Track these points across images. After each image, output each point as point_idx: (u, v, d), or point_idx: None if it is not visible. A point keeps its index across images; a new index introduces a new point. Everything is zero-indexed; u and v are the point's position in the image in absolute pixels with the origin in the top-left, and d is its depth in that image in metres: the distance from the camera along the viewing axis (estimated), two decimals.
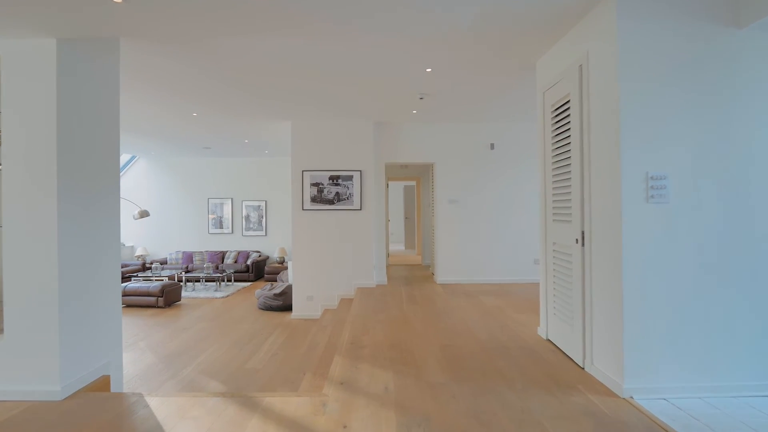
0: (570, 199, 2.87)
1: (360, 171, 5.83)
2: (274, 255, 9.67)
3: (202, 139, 7.23)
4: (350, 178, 5.84)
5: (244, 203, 9.80)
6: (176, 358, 4.35)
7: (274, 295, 6.30)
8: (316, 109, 5.22)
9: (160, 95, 4.47)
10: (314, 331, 4.88)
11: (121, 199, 9.96)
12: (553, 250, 3.18)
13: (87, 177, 2.62)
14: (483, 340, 3.31)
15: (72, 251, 2.50)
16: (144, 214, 8.02)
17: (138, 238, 9.80)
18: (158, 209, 9.77)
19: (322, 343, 4.26)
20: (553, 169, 3.17)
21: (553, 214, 3.18)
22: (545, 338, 3.33)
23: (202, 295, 7.45)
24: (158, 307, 6.60)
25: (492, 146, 5.99)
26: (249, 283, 8.68)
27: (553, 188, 3.17)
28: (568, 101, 2.89)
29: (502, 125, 6.02)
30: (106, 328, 2.79)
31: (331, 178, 5.84)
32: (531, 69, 3.73)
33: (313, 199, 5.84)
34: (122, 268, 8.59)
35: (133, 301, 6.57)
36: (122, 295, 6.59)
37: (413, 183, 11.85)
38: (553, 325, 3.17)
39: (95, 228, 2.69)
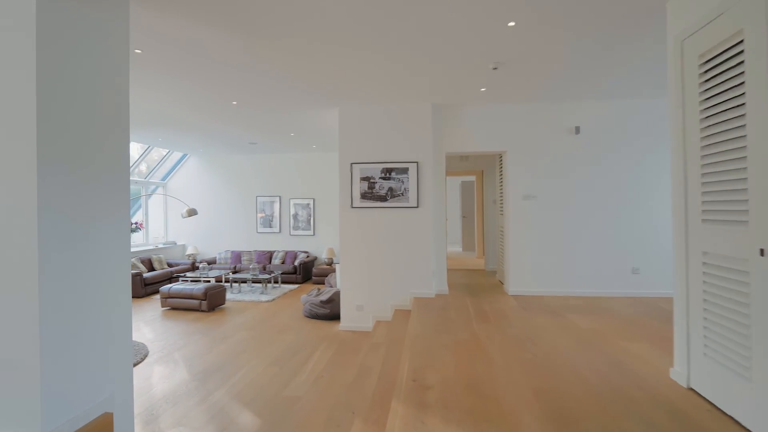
0: (745, 189, 1.90)
1: (416, 163, 5.05)
2: (323, 256, 9.16)
3: (247, 133, 6.81)
4: (405, 171, 5.08)
5: (292, 201, 9.37)
6: (210, 376, 3.82)
7: (321, 302, 5.69)
8: (365, 93, 4.52)
9: (197, 82, 3.98)
10: (365, 349, 4.19)
11: (171, 198, 9.96)
12: (704, 263, 2.21)
13: (82, 160, 2.05)
14: (592, 382, 2.41)
15: (58, 256, 1.94)
16: (192, 212, 7.78)
17: (189, 236, 9.71)
18: (208, 208, 9.62)
19: (375, 369, 3.54)
20: (704, 148, 2.19)
21: (703, 212, 2.21)
22: (686, 386, 2.36)
23: (247, 298, 7.04)
24: (201, 311, 6.25)
25: (577, 130, 4.95)
26: (296, 286, 8.21)
27: (704, 175, 2.20)
28: (740, 43, 1.92)
29: (590, 104, 4.97)
30: (109, 354, 2.23)
31: (384, 171, 5.11)
32: (651, 15, 2.75)
33: (363, 196, 5.14)
34: (171, 267, 8.46)
35: (177, 304, 6.26)
36: (167, 297, 6.32)
37: (472, 178, 10.87)
38: (704, 370, 2.20)
39: (93, 227, 2.12)
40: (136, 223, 8.21)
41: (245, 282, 7.48)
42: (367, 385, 3.33)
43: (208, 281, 7.67)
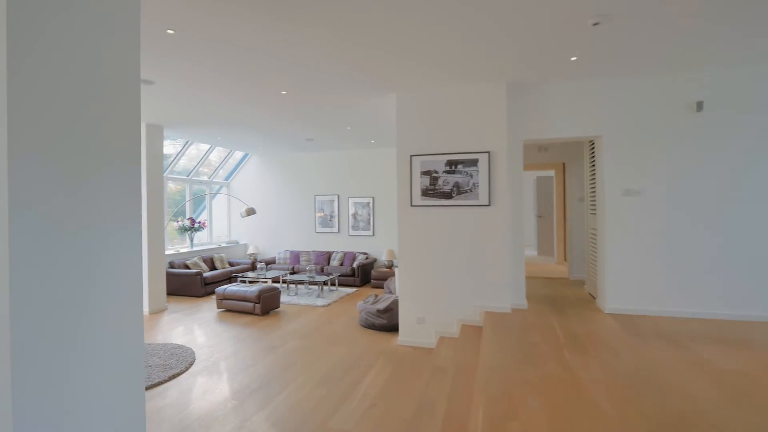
0: None
1: (488, 153, 4.29)
2: (382, 258, 8.63)
3: (302, 129, 6.46)
4: (474, 162, 4.33)
5: (351, 200, 8.96)
6: (252, 395, 3.41)
7: (378, 311, 5.13)
8: (426, 74, 3.86)
9: (242, 70, 3.60)
10: (427, 372, 3.54)
11: (230, 197, 10.04)
12: None
13: (75, 147, 1.62)
14: None
15: (39, 273, 1.51)
16: (250, 211, 7.64)
17: (251, 236, 9.71)
18: (268, 207, 9.54)
19: (439, 405, 2.87)
20: None
21: None
22: None
23: (302, 301, 6.71)
24: (255, 314, 5.99)
25: (699, 106, 3.87)
26: (353, 290, 7.76)
27: None
28: None
29: (718, 73, 3.86)
30: (112, 386, 1.80)
31: (449, 164, 4.41)
32: None
33: (425, 192, 4.49)
34: (231, 266, 8.44)
35: (232, 306, 6.07)
36: (222, 299, 6.15)
37: (550, 173, 9.70)
38: None
39: (91, 234, 1.69)
40: (199, 222, 8.30)
41: (302, 284, 7.17)
42: (430, 428, 2.67)
43: (266, 282, 7.48)
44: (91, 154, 1.64)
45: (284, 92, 4.53)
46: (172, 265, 7.45)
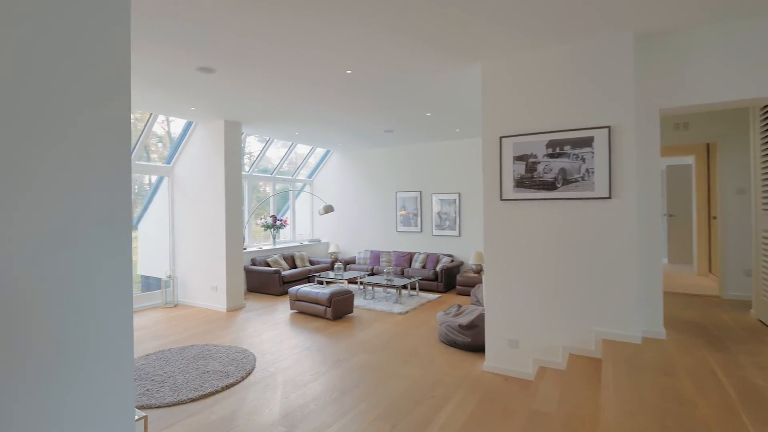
0: None
1: (608, 128, 3.22)
2: (469, 261, 7.70)
3: (378, 120, 5.89)
4: (587, 142, 3.30)
5: (435, 197, 8.19)
6: (302, 422, 2.88)
7: (460, 327, 4.31)
8: (519, 31, 2.96)
9: (301, 49, 3.11)
10: (522, 420, 2.67)
11: (311, 195, 9.92)
12: None
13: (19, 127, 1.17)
14: None
15: None
16: (328, 209, 7.33)
17: (333, 234, 9.49)
18: (350, 204, 9.22)
19: None
20: None
21: None
22: None
23: (378, 306, 6.15)
24: (326, 318, 5.57)
25: None
26: (436, 296, 6.98)
27: None
28: None
29: None
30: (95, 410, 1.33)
31: (552, 145, 3.44)
32: None
33: (520, 183, 3.56)
34: (312, 265, 8.25)
35: (304, 308, 5.74)
36: (294, 300, 5.86)
37: (686, 159, 7.80)
38: None
39: (64, 232, 1.21)
40: (281, 220, 8.27)
41: (380, 287, 6.62)
42: None
43: (342, 283, 7.10)
44: (49, 138, 1.13)
45: (349, 71, 3.97)
46: (254, 262, 7.47)
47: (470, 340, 4.23)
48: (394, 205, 8.69)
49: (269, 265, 7.47)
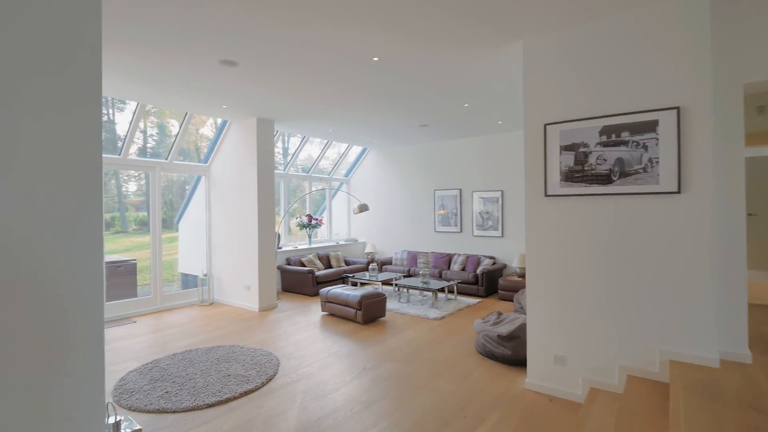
0: None
1: (676, 109, 2.70)
2: (513, 264, 7.17)
3: (412, 112, 5.57)
4: (650, 126, 2.80)
5: (476, 195, 7.72)
6: None
7: (499, 337, 3.89)
8: (571, 0, 2.53)
9: (325, 37, 2.87)
10: None
11: (350, 194, 9.74)
12: None
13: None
14: None
15: None
16: (363, 208, 7.12)
17: (369, 234, 9.27)
18: (386, 203, 8.95)
19: None
20: None
21: None
22: None
23: (413, 311, 5.82)
24: (356, 322, 5.33)
25: None
26: (476, 300, 6.54)
27: None
28: None
29: None
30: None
31: (606, 132, 2.96)
32: None
33: (568, 176, 3.11)
34: (347, 265, 8.06)
35: (335, 310, 5.53)
36: (325, 301, 5.67)
37: None
38: None
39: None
40: (316, 219, 8.16)
41: (415, 289, 6.29)
42: None
43: (375, 285, 6.84)
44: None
45: (376, 58, 3.69)
46: (288, 262, 7.40)
47: (510, 353, 3.81)
48: (432, 204, 8.31)
49: (304, 265, 7.36)
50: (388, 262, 8.37)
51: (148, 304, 6.01)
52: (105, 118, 6.42)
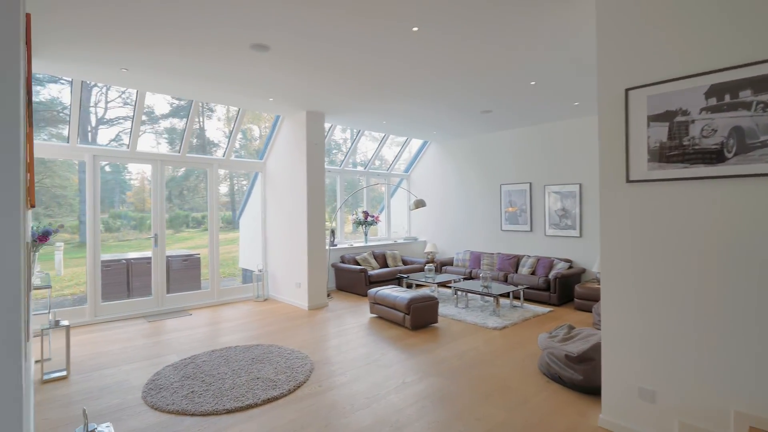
0: None
1: None
2: (593, 268, 6.18)
3: (471, 97, 4.98)
4: None
5: (548, 189, 6.84)
6: None
7: (568, 358, 3.19)
8: None
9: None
10: None
11: (407, 191, 9.26)
12: None
13: None
14: None
15: None
16: (419, 204, 6.67)
17: (430, 232, 8.74)
18: (449, 200, 8.35)
19: None
20: None
21: None
22: None
23: (470, 317, 5.21)
24: (404, 327, 4.88)
25: None
26: (547, 309, 5.71)
27: None
28: None
29: None
30: None
31: (716, 93, 2.19)
32: None
33: (659, 155, 2.37)
34: (404, 265, 7.64)
35: (383, 313, 5.14)
36: (373, 303, 5.31)
37: None
38: None
39: None
40: (372, 217, 7.85)
41: (475, 294, 5.67)
42: None
43: (428, 287, 6.32)
44: None
45: (416, 29, 3.21)
46: (343, 260, 7.19)
47: (581, 378, 3.09)
48: (499, 200, 7.55)
49: (358, 263, 7.09)
50: (449, 263, 7.78)
51: (206, 298, 6.15)
52: (196, 126, 6.85)
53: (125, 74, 4.18)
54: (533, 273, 6.53)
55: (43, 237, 4.16)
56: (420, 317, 4.74)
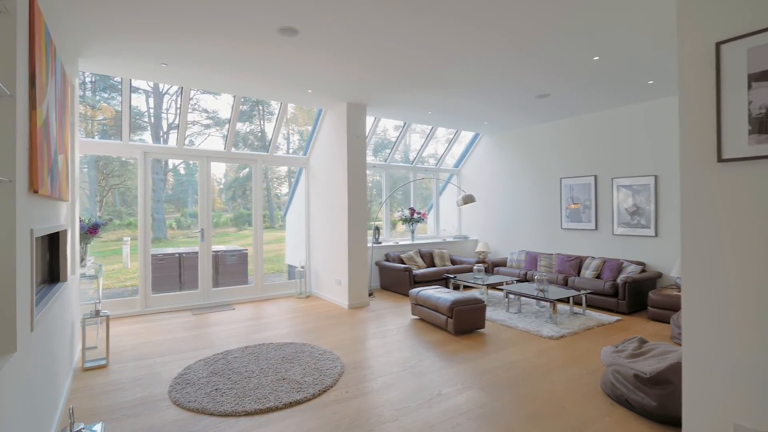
0: None
1: None
2: (671, 273, 5.35)
3: (525, 78, 4.48)
4: None
5: (617, 182, 6.07)
6: None
7: (638, 378, 2.64)
8: None
9: None
10: None
11: (457, 187, 8.74)
12: None
13: None
14: None
15: None
16: (468, 199, 6.25)
17: (482, 230, 8.20)
18: (502, 197, 7.77)
19: None
20: None
21: None
22: None
23: (522, 324, 4.69)
24: (447, 331, 4.49)
25: None
26: (614, 318, 5.02)
27: None
28: None
29: None
30: None
31: None
32: None
33: (766, 125, 1.81)
34: (452, 264, 7.20)
35: (425, 315, 4.79)
36: (415, 304, 4.98)
37: None
38: None
39: None
40: (419, 213, 7.50)
41: (529, 298, 5.12)
42: None
43: (474, 288, 5.86)
44: None
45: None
46: (387, 258, 6.92)
47: (654, 404, 2.54)
48: (559, 196, 6.87)
49: (403, 262, 6.79)
50: (502, 264, 7.22)
51: (250, 293, 6.18)
52: (257, 128, 7.03)
53: (165, 69, 4.24)
54: (598, 276, 5.81)
55: (92, 229, 4.33)
56: (464, 321, 4.33)
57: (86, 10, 3.00)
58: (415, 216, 7.44)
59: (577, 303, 5.74)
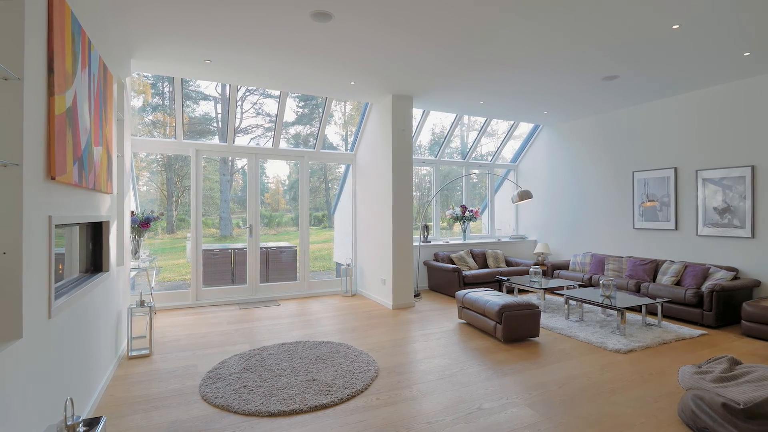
0: None
1: None
2: None
3: (588, 54, 3.97)
4: None
5: (702, 175, 5.24)
6: None
7: (727, 408, 2.13)
8: None
9: None
10: None
11: (513, 183, 8.12)
12: None
13: None
14: None
15: None
16: (524, 195, 5.81)
17: (542, 230, 7.58)
18: (564, 194, 7.11)
19: None
20: None
21: None
22: None
23: (584, 334, 4.16)
24: (495, 338, 4.09)
25: None
26: (698, 332, 4.29)
27: None
28: None
29: None
30: None
31: None
32: None
33: None
34: (507, 266, 6.70)
35: (472, 319, 4.43)
36: (462, 307, 4.63)
37: None
38: None
39: None
40: (471, 211, 7.08)
41: (591, 304, 4.54)
42: None
43: (532, 293, 5.35)
44: None
45: None
46: (436, 257, 6.60)
47: None
48: (631, 192, 6.11)
49: (453, 262, 6.43)
50: (563, 267, 6.58)
51: (296, 290, 6.19)
52: (316, 129, 7.16)
53: (210, 66, 4.31)
54: (678, 283, 5.05)
55: (145, 223, 4.51)
56: (514, 328, 3.91)
57: (132, 15, 3.07)
58: (467, 214, 7.04)
59: (652, 313, 5.03)
